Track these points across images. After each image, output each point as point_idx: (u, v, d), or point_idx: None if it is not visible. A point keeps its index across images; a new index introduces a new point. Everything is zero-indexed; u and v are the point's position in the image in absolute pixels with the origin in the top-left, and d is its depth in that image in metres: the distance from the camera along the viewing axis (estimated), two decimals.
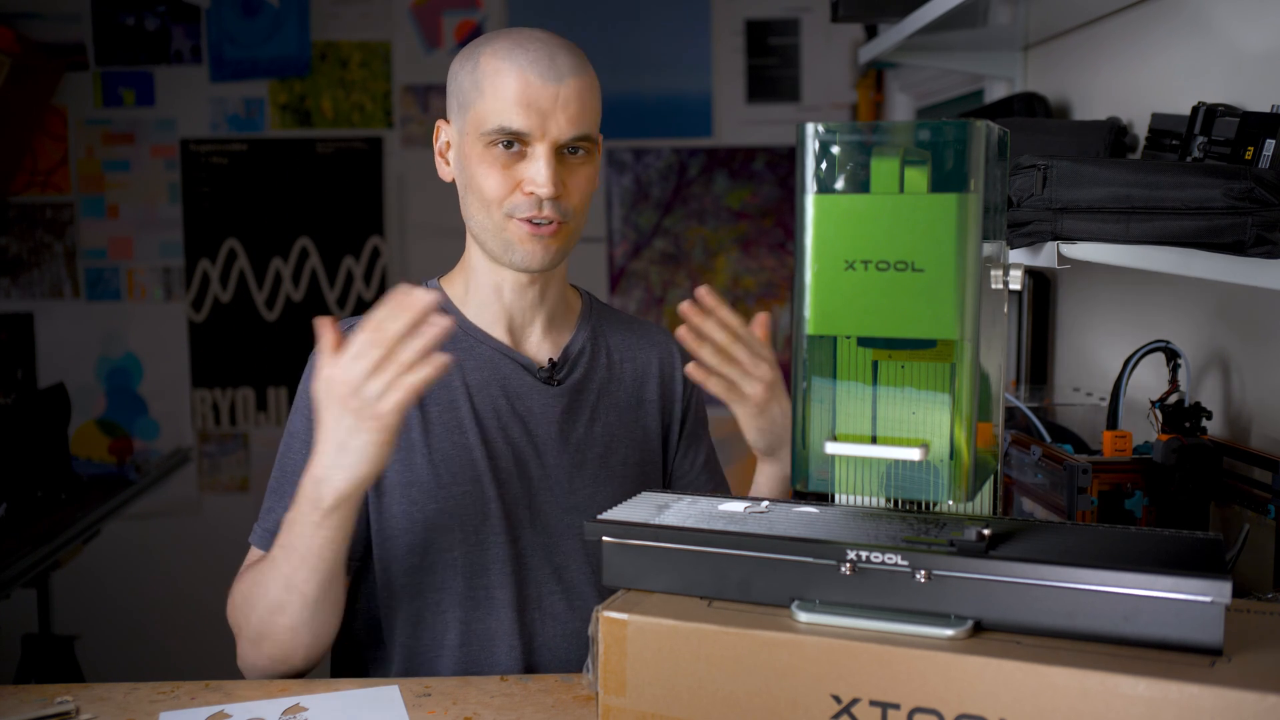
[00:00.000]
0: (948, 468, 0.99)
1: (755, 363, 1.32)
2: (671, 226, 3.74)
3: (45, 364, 3.64)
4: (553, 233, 1.34)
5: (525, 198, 1.32)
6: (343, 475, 1.18)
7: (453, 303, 1.44)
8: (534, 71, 1.31)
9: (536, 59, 1.31)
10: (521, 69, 1.31)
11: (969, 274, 0.96)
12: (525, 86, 1.30)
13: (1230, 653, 0.89)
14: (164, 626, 3.61)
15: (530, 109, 1.30)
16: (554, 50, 1.33)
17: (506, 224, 1.34)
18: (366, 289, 3.69)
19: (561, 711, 1.20)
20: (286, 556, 1.24)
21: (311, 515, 1.21)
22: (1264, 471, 1.38)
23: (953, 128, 0.96)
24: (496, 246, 1.36)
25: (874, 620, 0.96)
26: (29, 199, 3.62)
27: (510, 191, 1.33)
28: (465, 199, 1.38)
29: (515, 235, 1.34)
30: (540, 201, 1.32)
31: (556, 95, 1.31)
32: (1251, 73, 1.53)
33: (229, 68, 3.62)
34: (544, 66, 1.31)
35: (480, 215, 1.36)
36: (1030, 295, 2.16)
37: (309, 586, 1.25)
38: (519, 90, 1.30)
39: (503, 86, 1.31)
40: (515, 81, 1.31)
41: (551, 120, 1.31)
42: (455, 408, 1.38)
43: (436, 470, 1.36)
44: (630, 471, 1.46)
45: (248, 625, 1.30)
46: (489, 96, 1.32)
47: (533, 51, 1.32)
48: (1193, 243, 1.21)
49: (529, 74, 1.31)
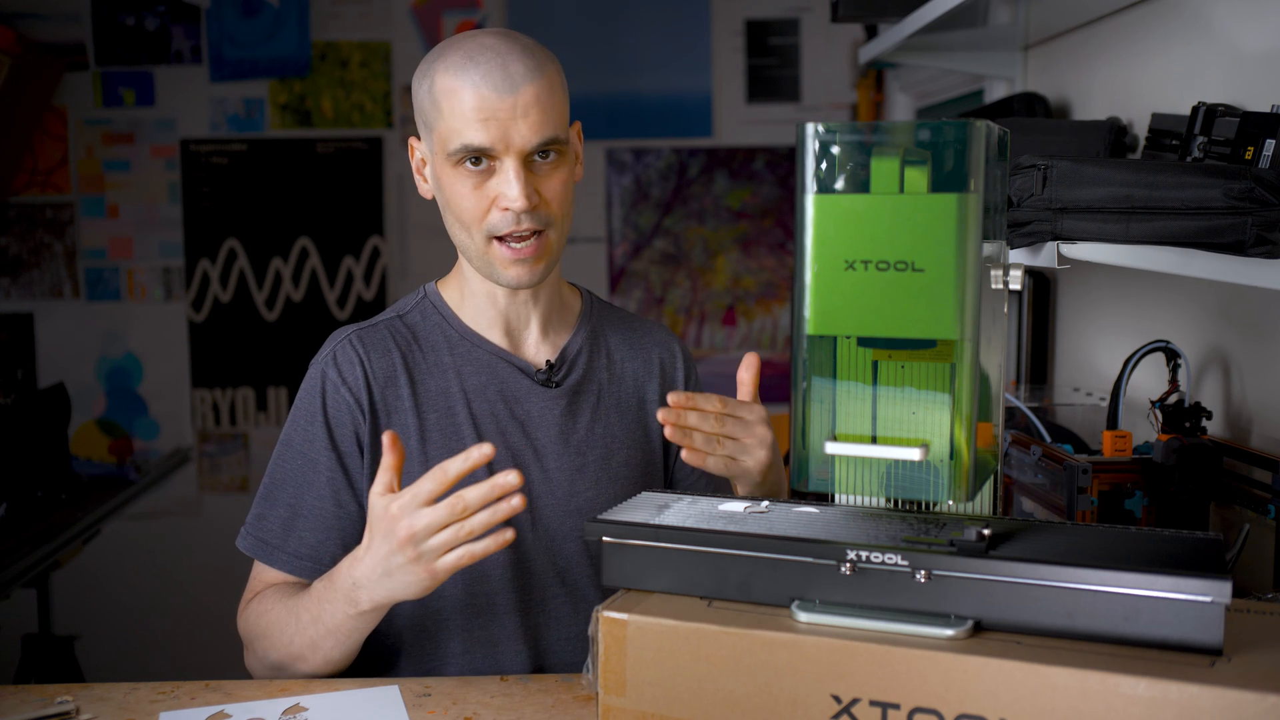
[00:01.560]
0: (948, 468, 0.99)
1: (749, 430, 1.27)
2: (671, 226, 3.74)
3: (45, 364, 3.64)
4: (534, 250, 1.32)
5: (501, 214, 1.31)
6: (384, 594, 1.21)
7: (449, 307, 1.44)
8: (487, 85, 1.28)
9: (488, 71, 1.28)
10: (475, 85, 1.28)
11: (969, 274, 0.96)
12: (481, 102, 1.27)
13: (1230, 653, 0.89)
14: (164, 626, 3.61)
15: (489, 123, 1.28)
16: (505, 59, 1.29)
17: (488, 247, 1.33)
18: (366, 289, 3.69)
19: (561, 711, 1.20)
20: (314, 622, 1.27)
21: (346, 609, 1.24)
22: (1264, 471, 1.38)
23: (953, 128, 0.96)
24: (482, 267, 1.36)
25: (874, 620, 0.96)
26: (29, 199, 3.62)
27: (486, 210, 1.31)
28: (445, 218, 1.37)
29: (498, 259, 1.33)
30: (517, 216, 1.30)
31: (514, 105, 1.28)
32: (1251, 73, 1.53)
33: (229, 68, 3.62)
34: (497, 78, 1.28)
35: (462, 236, 1.35)
36: (1030, 295, 2.16)
37: (335, 653, 1.28)
38: (475, 106, 1.28)
39: (459, 104, 1.28)
40: (470, 98, 1.28)
41: (513, 131, 1.28)
42: (453, 414, 1.38)
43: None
44: (633, 473, 1.46)
45: (264, 654, 1.33)
46: (448, 115, 1.30)
47: (484, 64, 1.28)
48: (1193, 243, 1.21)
49: (482, 88, 1.28)
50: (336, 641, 1.27)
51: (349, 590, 1.22)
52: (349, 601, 1.23)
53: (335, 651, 1.28)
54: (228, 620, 1.21)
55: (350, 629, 1.25)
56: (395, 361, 1.38)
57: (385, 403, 1.37)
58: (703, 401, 1.25)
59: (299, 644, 1.28)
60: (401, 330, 1.41)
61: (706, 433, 1.26)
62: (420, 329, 1.42)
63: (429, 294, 1.45)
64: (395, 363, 1.38)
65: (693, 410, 1.24)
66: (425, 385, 1.39)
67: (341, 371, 1.37)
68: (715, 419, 1.25)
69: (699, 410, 1.25)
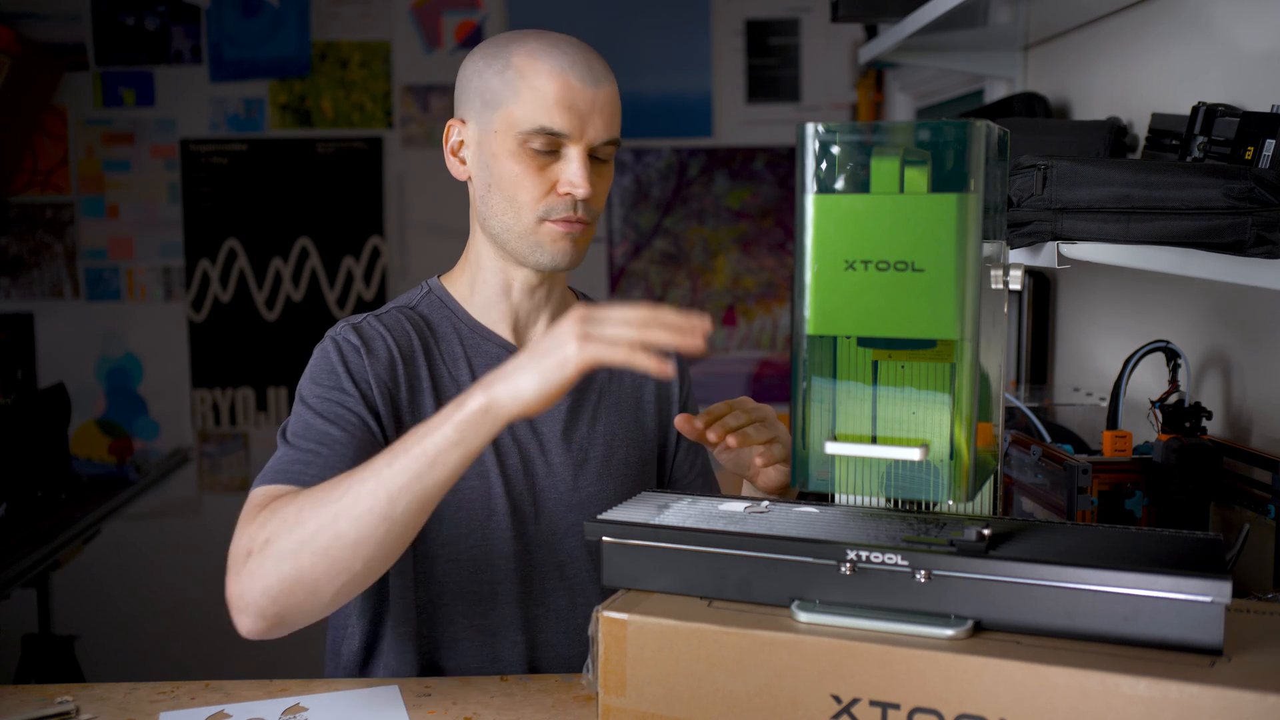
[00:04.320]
0: (948, 468, 0.99)
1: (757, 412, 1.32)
2: (671, 226, 3.74)
3: (45, 364, 3.64)
4: (581, 232, 1.35)
5: (560, 199, 1.32)
6: (505, 384, 1.10)
7: (457, 300, 1.44)
8: (574, 74, 1.31)
9: (575, 62, 1.32)
10: (562, 70, 1.31)
11: (969, 274, 0.96)
12: (566, 88, 1.31)
13: (1230, 653, 0.89)
14: (164, 626, 3.61)
15: (571, 111, 1.31)
16: (589, 55, 1.34)
17: (538, 227, 1.34)
18: (366, 289, 3.69)
19: (561, 711, 1.20)
20: (383, 469, 1.12)
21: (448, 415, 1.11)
22: (1264, 471, 1.38)
23: (953, 128, 0.96)
24: (523, 248, 1.35)
25: (874, 620, 0.96)
26: (29, 199, 3.62)
27: (545, 193, 1.33)
28: (488, 199, 1.36)
29: (547, 236, 1.34)
30: (575, 203, 1.32)
31: (594, 99, 1.32)
32: (1251, 73, 1.53)
33: (229, 68, 3.62)
34: (582, 69, 1.32)
35: (507, 217, 1.35)
36: (1030, 295, 2.16)
37: (408, 514, 1.12)
38: (559, 92, 1.30)
39: (542, 87, 1.31)
40: (555, 83, 1.31)
41: (589, 123, 1.32)
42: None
43: None
44: (632, 471, 1.47)
45: (286, 535, 1.13)
46: (526, 97, 1.31)
47: (570, 54, 1.33)
48: (1193, 243, 1.21)
49: (569, 76, 1.31)
50: (409, 484, 1.10)
51: (460, 398, 1.11)
52: (455, 405, 1.10)
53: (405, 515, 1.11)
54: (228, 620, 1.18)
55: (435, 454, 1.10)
56: (414, 342, 1.39)
57: (409, 378, 1.36)
58: (723, 409, 1.31)
59: (362, 504, 1.11)
60: (414, 318, 1.42)
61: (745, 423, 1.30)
62: (430, 320, 1.43)
63: (434, 288, 1.45)
64: (414, 343, 1.39)
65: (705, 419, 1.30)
66: (440, 370, 1.39)
67: (365, 338, 1.35)
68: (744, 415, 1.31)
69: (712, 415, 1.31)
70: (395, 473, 1.11)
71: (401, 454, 1.12)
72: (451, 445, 1.11)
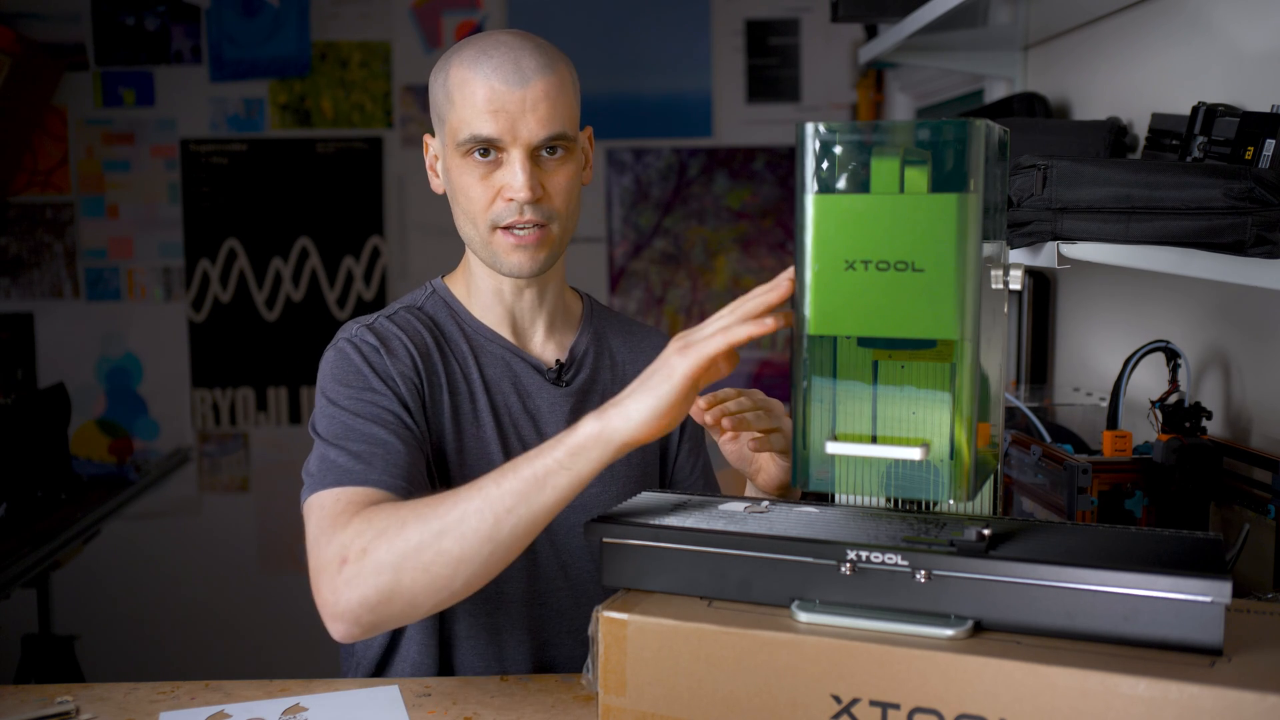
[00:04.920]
0: (948, 467, 0.99)
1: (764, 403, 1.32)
2: (671, 226, 3.74)
3: (45, 364, 3.64)
4: (536, 240, 1.34)
5: (505, 204, 1.33)
6: (618, 412, 1.08)
7: (459, 301, 1.44)
8: (498, 77, 1.31)
9: (500, 64, 1.32)
10: (486, 76, 1.31)
11: (969, 274, 0.96)
12: (491, 93, 1.31)
13: (1230, 653, 0.89)
14: (164, 626, 3.61)
15: (498, 114, 1.31)
16: (519, 54, 1.33)
17: (492, 236, 1.35)
18: (366, 289, 3.69)
19: (561, 711, 1.20)
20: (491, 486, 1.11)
21: (560, 441, 1.10)
22: (1264, 471, 1.38)
23: (953, 127, 0.96)
24: (486, 257, 1.38)
25: (874, 620, 0.96)
26: (29, 199, 3.61)
27: (491, 201, 1.34)
28: (454, 211, 1.39)
29: (500, 247, 1.35)
30: (520, 206, 1.32)
31: (524, 99, 1.31)
32: (1251, 73, 1.53)
33: (229, 68, 3.62)
34: (508, 71, 1.31)
35: (468, 228, 1.38)
36: (1030, 295, 2.16)
37: (514, 537, 1.11)
38: (486, 97, 1.31)
39: (470, 95, 1.32)
40: (481, 89, 1.31)
41: (521, 124, 1.31)
42: (474, 400, 1.39)
43: (459, 461, 1.37)
44: (633, 472, 1.48)
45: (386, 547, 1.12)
46: (459, 106, 1.33)
47: (497, 57, 1.32)
48: (1193, 243, 1.21)
49: (493, 80, 1.31)
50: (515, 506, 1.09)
51: (574, 425, 1.10)
52: (569, 431, 1.10)
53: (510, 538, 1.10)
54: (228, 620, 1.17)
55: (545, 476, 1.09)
56: (428, 340, 1.39)
57: (428, 374, 1.37)
58: (731, 394, 1.31)
59: (457, 529, 1.10)
60: (423, 318, 1.42)
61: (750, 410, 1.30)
62: (437, 319, 1.43)
63: (437, 289, 1.46)
64: (428, 341, 1.39)
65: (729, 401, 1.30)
66: (453, 368, 1.40)
67: (383, 339, 1.35)
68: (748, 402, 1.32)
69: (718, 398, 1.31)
70: (503, 494, 1.10)
71: (511, 475, 1.11)
72: (561, 469, 1.09)
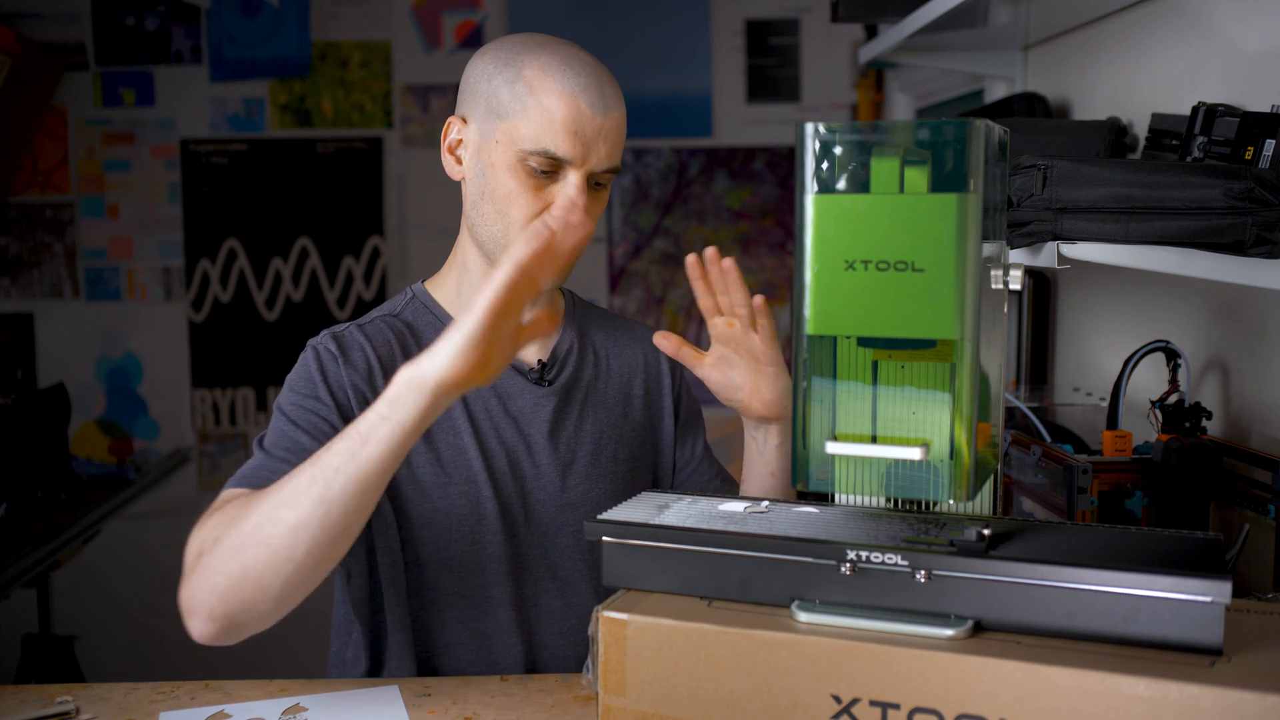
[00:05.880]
0: (948, 467, 0.99)
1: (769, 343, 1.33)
2: (671, 226, 3.73)
3: (45, 364, 3.64)
4: None
5: None
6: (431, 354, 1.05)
7: (441, 305, 1.43)
8: (585, 100, 1.28)
9: (588, 85, 1.29)
10: (574, 93, 1.28)
11: (969, 274, 0.96)
12: (576, 114, 1.28)
13: (1230, 653, 0.89)
14: (164, 626, 3.58)
15: (577, 136, 1.28)
16: (601, 79, 1.31)
17: None
18: (366, 289, 3.69)
19: (561, 711, 1.20)
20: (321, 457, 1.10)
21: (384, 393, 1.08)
22: (1264, 471, 1.38)
23: (953, 127, 0.96)
24: None
25: (874, 620, 0.96)
26: (29, 199, 3.61)
27: (538, 213, 1.30)
28: (479, 205, 1.35)
29: None
30: None
31: (601, 127, 1.29)
32: (1251, 73, 1.53)
33: (229, 68, 3.62)
34: (594, 95, 1.29)
35: (496, 228, 1.34)
36: (1030, 295, 2.16)
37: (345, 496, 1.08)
38: (570, 117, 1.28)
39: (551, 108, 1.28)
40: (565, 106, 1.28)
41: (593, 150, 1.29)
42: (450, 407, 1.38)
43: (433, 469, 1.36)
44: (621, 468, 1.47)
45: (232, 532, 1.11)
46: (535, 115, 1.28)
47: (584, 77, 1.29)
48: (1193, 243, 1.21)
49: (580, 101, 1.28)
50: (343, 465, 1.08)
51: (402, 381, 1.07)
52: (389, 384, 1.07)
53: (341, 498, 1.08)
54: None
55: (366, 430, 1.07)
56: (395, 350, 1.38)
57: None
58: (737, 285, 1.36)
59: (302, 503, 1.09)
60: (398, 326, 1.41)
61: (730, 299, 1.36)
62: (415, 326, 1.42)
63: (418, 294, 1.45)
64: (395, 352, 1.38)
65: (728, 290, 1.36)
66: None
67: (344, 348, 1.35)
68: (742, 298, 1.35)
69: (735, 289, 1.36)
70: (331, 454, 1.09)
71: (339, 438, 1.10)
72: (382, 420, 1.07)
